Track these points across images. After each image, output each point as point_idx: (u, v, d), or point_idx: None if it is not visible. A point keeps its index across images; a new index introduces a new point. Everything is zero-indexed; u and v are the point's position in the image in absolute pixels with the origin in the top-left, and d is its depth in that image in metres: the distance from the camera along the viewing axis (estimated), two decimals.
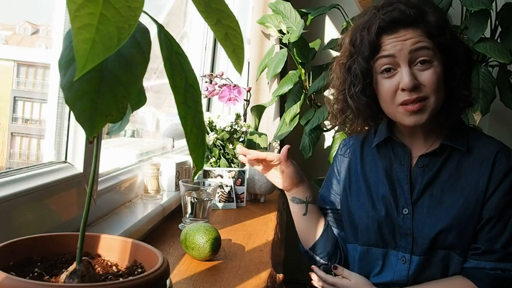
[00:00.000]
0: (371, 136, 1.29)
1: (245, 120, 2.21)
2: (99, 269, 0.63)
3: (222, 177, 1.70)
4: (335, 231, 1.33)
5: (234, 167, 1.82)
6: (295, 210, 1.33)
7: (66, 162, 1.10)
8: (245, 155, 1.30)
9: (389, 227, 1.19)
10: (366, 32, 1.13)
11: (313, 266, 1.32)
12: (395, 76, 1.11)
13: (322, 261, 1.32)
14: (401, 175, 1.20)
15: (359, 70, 1.14)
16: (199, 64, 2.37)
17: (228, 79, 1.92)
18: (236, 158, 1.85)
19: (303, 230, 1.34)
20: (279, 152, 2.47)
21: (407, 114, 1.11)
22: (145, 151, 1.80)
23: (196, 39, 2.37)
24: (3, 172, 0.91)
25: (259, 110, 2.33)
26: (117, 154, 1.58)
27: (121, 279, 0.59)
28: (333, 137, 2.35)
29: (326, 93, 2.27)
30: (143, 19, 0.48)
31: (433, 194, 1.16)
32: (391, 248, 1.19)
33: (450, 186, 1.15)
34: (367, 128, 1.30)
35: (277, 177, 1.32)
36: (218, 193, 1.67)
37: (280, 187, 1.33)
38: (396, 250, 1.18)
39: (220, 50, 2.50)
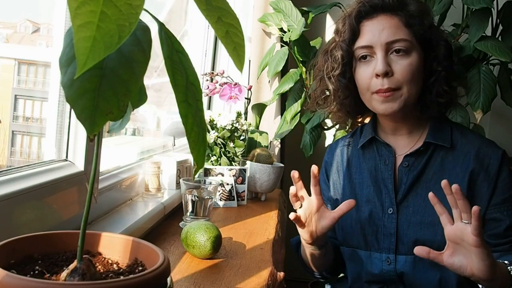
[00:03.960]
0: (357, 137, 1.30)
1: (246, 119, 2.21)
2: (100, 267, 0.63)
3: (223, 175, 1.70)
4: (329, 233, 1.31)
5: (235, 165, 1.82)
6: (311, 251, 1.20)
7: (67, 160, 1.10)
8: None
9: (372, 229, 1.19)
10: (348, 17, 1.18)
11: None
12: (371, 63, 1.14)
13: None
14: (385, 175, 1.20)
15: (340, 54, 1.19)
16: (200, 62, 2.37)
17: (229, 77, 1.92)
18: (237, 156, 1.85)
19: (317, 264, 1.25)
20: (279, 150, 2.47)
21: (379, 101, 1.14)
22: (146, 150, 1.80)
23: (197, 37, 2.37)
24: (4, 171, 0.91)
25: (260, 109, 2.33)
26: (118, 152, 1.58)
27: (122, 277, 0.59)
28: (334, 135, 2.35)
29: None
30: (144, 17, 0.48)
31: (419, 193, 1.16)
32: (373, 250, 1.19)
33: (435, 184, 1.15)
34: (349, 119, 1.32)
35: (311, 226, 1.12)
36: (219, 191, 1.67)
37: (307, 236, 1.13)
38: (379, 252, 1.18)
39: (221, 48, 2.50)
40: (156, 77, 2.03)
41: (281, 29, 2.34)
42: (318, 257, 1.21)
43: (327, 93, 1.28)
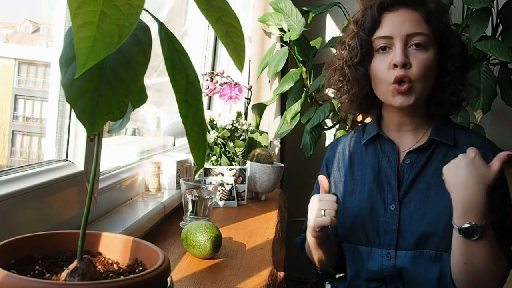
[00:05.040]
0: (360, 135, 1.31)
1: (246, 119, 2.21)
2: (100, 267, 0.63)
3: (223, 175, 1.70)
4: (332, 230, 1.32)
5: (235, 165, 1.82)
6: (316, 247, 1.23)
7: (67, 160, 1.10)
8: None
9: (373, 225, 1.19)
10: (369, 8, 1.20)
11: None
12: (389, 54, 1.16)
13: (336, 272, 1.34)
14: (388, 172, 1.21)
15: (359, 42, 1.20)
16: (200, 62, 2.37)
17: (229, 77, 1.92)
18: (237, 156, 1.85)
19: (325, 256, 1.26)
20: (280, 150, 2.47)
21: (395, 94, 1.15)
22: (146, 149, 1.80)
23: (197, 37, 2.37)
24: (4, 170, 0.91)
25: (260, 109, 2.33)
26: (118, 152, 1.58)
27: (122, 277, 0.59)
28: (334, 135, 2.35)
29: (327, 91, 2.27)
30: (144, 17, 0.48)
31: (420, 189, 1.17)
32: (374, 246, 1.19)
33: (436, 180, 1.16)
34: (358, 113, 1.34)
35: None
36: (219, 191, 1.67)
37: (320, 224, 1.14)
38: (380, 248, 1.18)
39: (221, 48, 2.50)
40: (156, 77, 2.03)
41: (281, 29, 2.34)
42: (323, 253, 1.23)
43: (340, 84, 1.28)
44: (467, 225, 1.01)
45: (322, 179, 1.19)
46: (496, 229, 1.12)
